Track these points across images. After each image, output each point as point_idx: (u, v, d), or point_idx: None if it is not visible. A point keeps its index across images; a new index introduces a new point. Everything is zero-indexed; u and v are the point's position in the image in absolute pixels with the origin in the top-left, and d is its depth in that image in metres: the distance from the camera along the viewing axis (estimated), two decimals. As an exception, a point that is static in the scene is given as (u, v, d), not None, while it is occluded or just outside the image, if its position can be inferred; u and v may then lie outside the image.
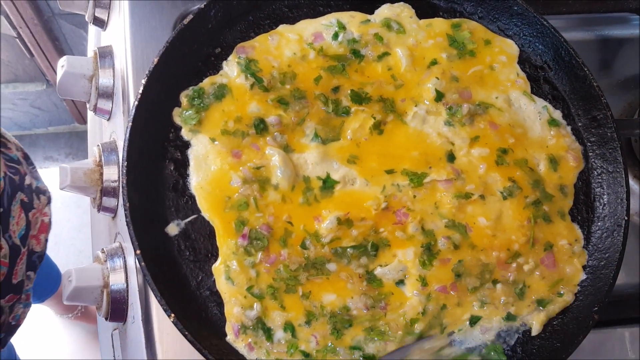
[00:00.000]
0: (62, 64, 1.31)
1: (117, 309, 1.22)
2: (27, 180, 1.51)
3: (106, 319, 1.23)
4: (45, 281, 2.47)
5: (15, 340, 1.95)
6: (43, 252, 1.58)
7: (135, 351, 1.19)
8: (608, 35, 1.62)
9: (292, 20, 1.31)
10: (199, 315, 1.12)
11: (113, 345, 1.36)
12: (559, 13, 1.57)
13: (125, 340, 1.26)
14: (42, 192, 1.58)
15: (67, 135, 3.43)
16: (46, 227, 1.60)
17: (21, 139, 3.37)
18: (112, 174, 1.27)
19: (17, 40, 2.60)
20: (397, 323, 1.12)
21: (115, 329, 1.35)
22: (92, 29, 1.63)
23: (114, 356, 1.36)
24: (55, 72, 2.79)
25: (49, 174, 3.29)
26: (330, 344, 1.11)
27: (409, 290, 1.15)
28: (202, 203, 1.17)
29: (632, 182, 1.48)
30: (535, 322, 1.16)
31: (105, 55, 1.36)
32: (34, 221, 1.51)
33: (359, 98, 1.25)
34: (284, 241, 1.15)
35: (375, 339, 1.11)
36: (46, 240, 1.59)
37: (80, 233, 3.15)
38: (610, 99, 1.26)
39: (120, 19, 1.37)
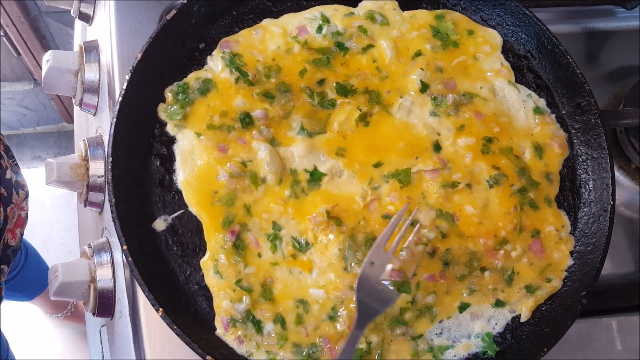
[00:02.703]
0: (47, 59, 1.31)
1: (105, 304, 1.22)
2: (8, 174, 1.51)
3: (93, 314, 1.23)
4: (34, 277, 2.46)
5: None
6: (18, 246, 1.57)
7: (123, 346, 1.19)
8: (593, 28, 1.63)
9: (276, 15, 1.31)
10: (187, 310, 1.12)
11: (101, 342, 1.36)
12: (544, 6, 1.58)
13: (113, 336, 1.26)
14: (21, 187, 1.58)
15: (55, 134, 3.42)
16: (22, 222, 1.59)
17: (9, 138, 3.35)
18: (99, 168, 1.27)
19: (4, 38, 2.59)
20: (387, 313, 1.13)
21: (103, 326, 1.34)
22: (78, 23, 1.63)
23: (102, 353, 1.36)
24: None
25: (37, 174, 3.29)
26: (320, 335, 1.12)
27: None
28: (189, 198, 1.17)
29: (617, 172, 1.49)
30: (524, 308, 1.17)
31: (90, 49, 1.36)
32: (11, 215, 1.51)
33: (344, 90, 1.25)
34: (273, 235, 1.15)
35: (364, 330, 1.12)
36: (21, 235, 1.59)
37: (69, 233, 3.14)
38: (596, 90, 1.27)
39: (106, 13, 1.37)
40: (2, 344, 1.90)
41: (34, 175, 3.22)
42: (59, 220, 3.17)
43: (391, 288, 1.08)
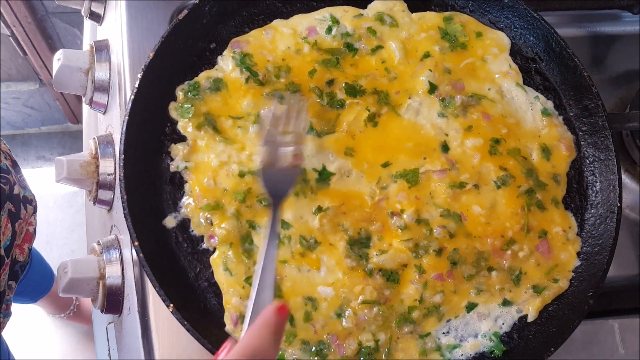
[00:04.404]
0: (59, 57, 1.32)
1: (113, 301, 1.22)
2: (16, 189, 1.51)
3: (102, 311, 1.24)
4: (38, 281, 2.46)
5: (7, 340, 1.95)
6: (26, 261, 1.58)
7: (131, 343, 1.19)
8: (600, 32, 1.64)
9: (286, 15, 1.32)
10: (197, 306, 1.12)
11: (108, 339, 1.37)
12: (551, 9, 1.59)
13: (120, 333, 1.27)
14: (28, 202, 1.58)
15: (59, 134, 3.43)
16: (30, 237, 1.59)
17: (14, 138, 3.37)
18: (108, 166, 1.28)
19: (11, 38, 2.60)
20: (395, 311, 1.14)
21: (110, 323, 1.35)
22: (88, 23, 1.64)
23: (109, 350, 1.36)
24: (48, 71, 2.79)
25: (42, 174, 3.31)
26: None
27: (405, 279, 1.16)
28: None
29: (623, 175, 1.50)
30: (531, 308, 1.17)
31: (101, 49, 1.37)
32: (19, 231, 1.51)
33: (353, 91, 1.26)
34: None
35: (373, 327, 1.13)
36: (29, 250, 1.59)
37: (72, 233, 3.15)
38: (603, 94, 1.28)
39: (117, 13, 1.38)
40: (2, 348, 1.90)
41: (38, 175, 3.25)
42: (62, 220, 3.18)
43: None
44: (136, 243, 1.07)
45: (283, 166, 1.07)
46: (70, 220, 3.19)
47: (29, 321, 2.98)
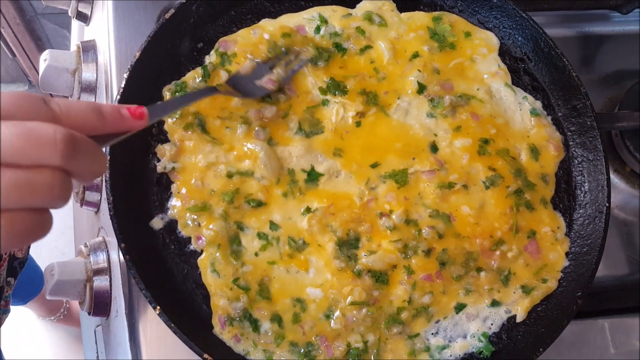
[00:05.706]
0: (45, 58, 1.31)
1: (101, 303, 1.21)
2: None
3: (89, 313, 1.23)
4: (28, 283, 2.45)
5: (-1, 342, 1.94)
6: (25, 258, 1.56)
7: (119, 346, 1.18)
8: (589, 32, 1.64)
9: (274, 15, 1.32)
10: (184, 308, 1.12)
11: (96, 342, 1.35)
12: (540, 9, 1.59)
13: (108, 336, 1.26)
14: None
15: (49, 136, 3.40)
16: None
17: (3, 140, 3.34)
18: (96, 168, 1.27)
19: (-1, 40, 2.59)
20: (384, 312, 1.13)
21: (98, 326, 1.34)
22: (75, 24, 1.63)
23: (97, 353, 1.35)
24: (37, 72, 2.78)
25: (31, 176, 3.28)
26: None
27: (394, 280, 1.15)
28: (186, 196, 1.17)
29: (612, 175, 1.50)
30: (520, 309, 1.17)
31: (88, 49, 1.36)
32: None
33: (337, 89, 1.25)
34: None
35: (361, 328, 1.12)
36: (28, 247, 1.58)
37: (63, 235, 3.10)
38: (591, 94, 1.28)
39: (104, 13, 1.37)
40: None
41: (27, 177, 3.22)
42: (53, 222, 3.16)
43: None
44: (122, 245, 1.06)
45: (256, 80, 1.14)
46: (60, 222, 3.13)
47: (20, 323, 2.96)
